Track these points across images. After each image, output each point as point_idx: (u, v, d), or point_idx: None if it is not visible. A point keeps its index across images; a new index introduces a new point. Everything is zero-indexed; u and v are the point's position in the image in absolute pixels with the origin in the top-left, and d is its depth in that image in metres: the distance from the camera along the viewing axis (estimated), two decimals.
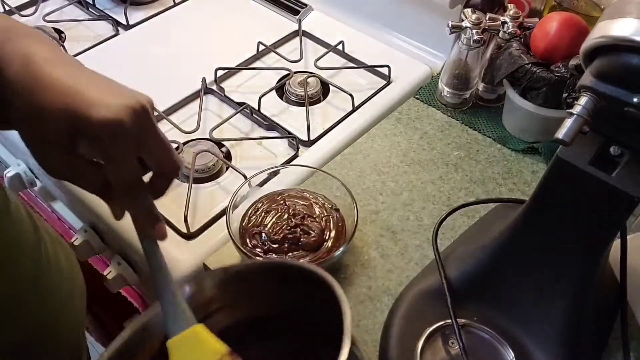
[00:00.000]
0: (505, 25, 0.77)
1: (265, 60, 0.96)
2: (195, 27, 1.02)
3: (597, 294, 0.57)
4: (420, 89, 0.89)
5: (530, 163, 0.78)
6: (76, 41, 0.99)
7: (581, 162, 0.47)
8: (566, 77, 0.70)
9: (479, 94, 0.87)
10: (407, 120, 0.84)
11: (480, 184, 0.75)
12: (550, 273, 0.54)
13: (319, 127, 0.83)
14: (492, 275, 0.58)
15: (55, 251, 0.57)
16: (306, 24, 1.01)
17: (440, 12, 0.86)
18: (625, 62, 0.40)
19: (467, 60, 0.80)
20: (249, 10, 1.06)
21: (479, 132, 0.82)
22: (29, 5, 1.05)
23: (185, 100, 0.88)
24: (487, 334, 0.58)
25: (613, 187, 0.46)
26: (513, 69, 0.73)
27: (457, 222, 0.71)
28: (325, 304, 0.38)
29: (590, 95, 0.42)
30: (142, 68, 0.93)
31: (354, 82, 0.91)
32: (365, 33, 0.99)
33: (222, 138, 0.81)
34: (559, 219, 0.51)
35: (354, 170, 0.77)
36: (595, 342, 0.59)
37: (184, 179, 0.77)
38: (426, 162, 0.78)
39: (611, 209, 0.48)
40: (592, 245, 0.51)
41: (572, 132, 0.41)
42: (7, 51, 0.37)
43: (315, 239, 0.63)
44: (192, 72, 0.91)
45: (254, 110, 0.85)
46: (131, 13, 1.03)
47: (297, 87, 0.88)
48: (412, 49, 0.96)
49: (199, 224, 0.71)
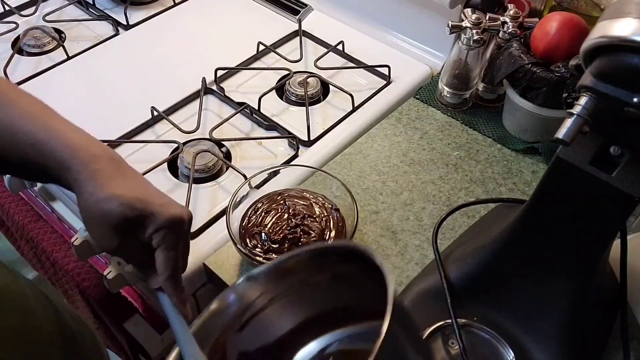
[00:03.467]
0: (505, 25, 0.77)
1: (265, 60, 0.96)
2: (195, 27, 1.02)
3: (597, 294, 0.57)
4: (420, 89, 0.89)
5: (530, 163, 0.78)
6: (76, 41, 0.99)
7: (581, 162, 0.47)
8: (566, 77, 0.70)
9: (479, 94, 0.87)
10: (407, 120, 0.84)
11: (480, 184, 0.75)
12: (550, 273, 0.54)
13: (319, 127, 0.83)
14: (492, 275, 0.58)
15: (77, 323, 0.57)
16: (306, 24, 1.01)
17: (440, 12, 0.86)
18: (625, 62, 0.40)
19: (467, 60, 0.80)
20: (249, 10, 1.06)
21: (479, 132, 0.82)
22: (29, 5, 1.05)
23: (185, 100, 0.87)
24: (487, 334, 0.58)
25: (613, 187, 0.46)
26: (513, 69, 0.73)
27: (457, 222, 0.71)
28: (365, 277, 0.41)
29: (590, 95, 0.42)
30: (142, 68, 0.93)
31: (354, 82, 0.91)
32: (365, 33, 0.99)
33: (222, 138, 0.81)
34: (559, 219, 0.51)
35: (354, 170, 0.77)
36: (595, 341, 0.59)
37: (184, 179, 0.77)
38: (426, 162, 0.78)
39: (611, 209, 0.48)
40: (592, 245, 0.51)
41: (572, 132, 0.41)
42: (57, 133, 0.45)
43: (315, 239, 0.63)
44: (192, 72, 0.91)
45: (254, 110, 0.85)
46: (131, 13, 1.03)
47: (297, 87, 0.88)
48: (412, 49, 0.96)
49: (199, 224, 0.71)
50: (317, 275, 0.47)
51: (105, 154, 0.46)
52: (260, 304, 0.49)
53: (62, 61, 0.94)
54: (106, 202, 0.44)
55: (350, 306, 0.48)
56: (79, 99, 0.87)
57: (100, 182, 0.44)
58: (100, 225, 0.44)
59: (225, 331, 0.48)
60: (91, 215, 0.45)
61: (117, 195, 0.44)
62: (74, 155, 0.44)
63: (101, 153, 0.46)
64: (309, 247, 0.47)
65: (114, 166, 0.46)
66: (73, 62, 0.94)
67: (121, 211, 0.44)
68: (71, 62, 0.94)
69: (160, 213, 0.45)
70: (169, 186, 0.76)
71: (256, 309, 0.49)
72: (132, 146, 0.80)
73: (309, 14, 1.04)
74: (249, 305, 0.49)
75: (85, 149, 0.45)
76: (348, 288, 0.47)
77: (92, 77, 0.92)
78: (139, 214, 0.44)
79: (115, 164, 0.46)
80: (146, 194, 0.46)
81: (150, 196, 0.46)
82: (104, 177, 0.44)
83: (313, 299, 0.49)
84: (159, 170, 0.70)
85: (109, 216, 0.44)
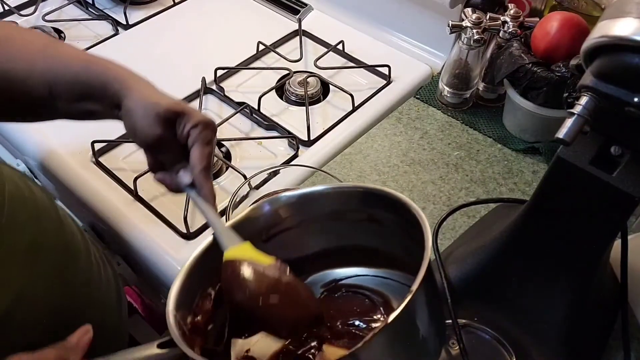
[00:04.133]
0: (506, 24, 0.77)
1: (265, 59, 0.96)
2: (194, 27, 1.02)
3: (598, 294, 0.57)
4: (421, 88, 0.89)
5: (530, 163, 0.78)
6: (75, 41, 0.99)
7: (582, 162, 0.47)
8: (567, 77, 0.69)
9: (480, 93, 0.87)
10: (408, 120, 0.84)
11: (481, 184, 0.75)
12: (551, 273, 0.54)
13: (319, 127, 0.83)
14: (493, 275, 0.58)
15: (103, 264, 0.61)
16: (306, 24, 1.01)
17: (441, 11, 0.86)
18: (625, 62, 0.40)
19: (467, 60, 0.80)
20: (249, 10, 1.06)
21: (479, 132, 0.82)
22: (29, 5, 1.05)
23: (184, 99, 0.87)
24: (487, 334, 0.58)
25: (614, 187, 0.46)
26: (513, 68, 0.73)
27: (457, 222, 0.71)
28: (401, 231, 0.45)
29: (590, 95, 0.42)
30: (142, 68, 0.92)
31: (354, 82, 0.91)
32: (365, 33, 0.99)
33: (221, 138, 0.81)
34: (559, 219, 0.51)
35: (354, 170, 0.77)
36: (596, 342, 0.59)
37: None
38: (426, 162, 0.78)
39: (612, 209, 0.48)
40: (593, 245, 0.51)
41: (573, 132, 0.41)
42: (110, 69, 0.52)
43: None
44: (192, 72, 0.90)
45: (254, 110, 0.85)
46: (131, 13, 1.03)
47: (297, 87, 0.88)
48: (412, 48, 0.96)
49: (198, 224, 0.71)
50: (354, 212, 0.49)
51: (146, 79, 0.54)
52: (290, 222, 0.51)
53: None
54: (154, 101, 0.50)
55: (376, 250, 0.50)
56: None
57: (148, 92, 0.51)
58: (147, 116, 0.49)
59: (252, 238, 0.48)
60: (140, 109, 0.50)
61: (163, 99, 0.51)
62: (121, 72, 0.52)
63: (143, 77, 0.54)
64: (356, 184, 0.48)
65: (153, 87, 0.53)
66: None
67: (167, 104, 0.50)
68: None
69: (197, 113, 0.51)
70: None
71: (285, 226, 0.51)
72: (132, 146, 0.80)
73: (309, 13, 1.03)
74: (279, 220, 0.51)
75: (130, 71, 0.53)
76: (380, 233, 0.49)
77: None
78: (181, 110, 0.50)
79: (153, 86, 0.54)
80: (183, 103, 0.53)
81: (186, 105, 0.52)
82: (151, 89, 0.52)
83: (341, 232, 0.51)
84: None
85: (157, 106, 0.49)
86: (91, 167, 0.78)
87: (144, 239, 0.71)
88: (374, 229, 0.49)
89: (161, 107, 0.49)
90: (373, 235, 0.50)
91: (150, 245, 0.70)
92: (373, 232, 0.49)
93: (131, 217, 0.72)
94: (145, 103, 0.50)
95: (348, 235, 0.51)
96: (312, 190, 0.50)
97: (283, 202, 0.51)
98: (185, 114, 0.50)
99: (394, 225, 0.47)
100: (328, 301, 0.51)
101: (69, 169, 0.78)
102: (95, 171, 0.77)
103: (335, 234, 0.51)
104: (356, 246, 0.51)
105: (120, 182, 0.76)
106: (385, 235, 0.49)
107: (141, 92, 0.51)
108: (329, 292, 0.52)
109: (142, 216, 0.72)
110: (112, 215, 0.73)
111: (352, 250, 0.52)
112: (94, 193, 0.75)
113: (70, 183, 0.77)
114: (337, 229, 0.51)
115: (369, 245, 0.51)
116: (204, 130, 0.50)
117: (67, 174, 0.78)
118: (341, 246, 0.52)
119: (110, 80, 0.51)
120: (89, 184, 0.76)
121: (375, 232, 0.49)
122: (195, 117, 0.50)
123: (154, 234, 0.71)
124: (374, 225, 0.49)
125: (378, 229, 0.49)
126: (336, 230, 0.51)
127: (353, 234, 0.51)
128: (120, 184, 0.76)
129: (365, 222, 0.49)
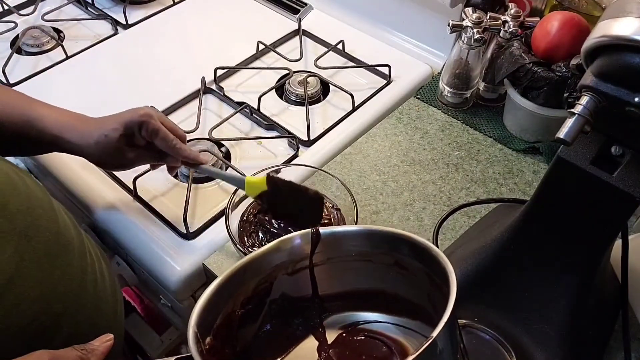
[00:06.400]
0: (506, 24, 0.77)
1: (265, 59, 0.96)
2: (194, 27, 1.02)
3: (598, 294, 0.57)
4: (421, 88, 0.89)
5: (531, 163, 0.78)
6: (75, 40, 0.99)
7: (582, 162, 0.47)
8: (567, 77, 0.69)
9: (480, 93, 0.87)
10: (408, 120, 0.84)
11: (481, 184, 0.75)
12: (551, 273, 0.54)
13: (319, 127, 0.83)
14: (493, 275, 0.58)
15: (98, 259, 0.61)
16: (306, 23, 1.01)
17: (441, 11, 0.86)
18: (626, 62, 0.40)
19: (467, 60, 0.80)
20: (249, 10, 1.05)
21: (479, 131, 0.82)
22: (28, 5, 1.05)
23: (184, 99, 0.87)
24: (487, 335, 0.57)
25: (614, 187, 0.45)
26: (514, 68, 0.73)
27: (457, 222, 0.70)
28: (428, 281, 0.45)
29: (591, 95, 0.42)
30: (141, 67, 0.93)
31: (354, 82, 0.91)
32: (365, 32, 0.99)
33: (221, 138, 0.80)
34: (560, 219, 0.51)
35: (354, 170, 0.77)
36: (596, 342, 0.59)
37: (184, 179, 0.77)
38: (427, 162, 0.78)
39: (612, 209, 0.48)
40: (594, 246, 0.51)
41: (574, 132, 0.41)
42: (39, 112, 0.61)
43: None
44: (192, 72, 0.90)
45: (254, 110, 0.85)
46: (130, 12, 1.03)
47: (297, 87, 0.88)
48: (412, 48, 0.96)
49: (198, 224, 0.71)
50: (382, 255, 0.49)
51: (77, 117, 0.62)
52: (317, 258, 0.51)
53: (61, 60, 0.94)
54: (100, 138, 0.59)
55: (400, 297, 0.50)
56: (78, 99, 0.86)
57: (88, 130, 0.60)
58: (113, 154, 0.60)
59: (279, 269, 0.50)
60: (102, 152, 0.60)
61: (102, 131, 0.60)
62: (62, 127, 0.60)
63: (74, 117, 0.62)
64: (388, 229, 0.48)
65: (83, 119, 0.62)
66: (72, 62, 0.94)
67: (112, 136, 0.59)
68: (70, 62, 0.94)
69: (131, 118, 0.60)
70: (169, 186, 0.76)
71: (312, 262, 0.51)
72: None
73: (308, 13, 1.03)
74: (307, 256, 0.50)
75: (67, 121, 0.61)
76: (405, 280, 0.48)
77: (91, 77, 0.91)
78: (122, 129, 0.59)
79: (82, 118, 0.62)
80: (114, 117, 0.61)
81: (117, 117, 0.61)
82: (88, 128, 0.61)
83: (367, 275, 0.51)
84: (158, 170, 0.70)
85: (111, 141, 0.59)
86: (91, 167, 0.77)
87: (143, 239, 0.70)
88: (401, 275, 0.48)
89: (116, 139, 0.59)
90: (399, 281, 0.49)
91: (149, 246, 0.70)
92: (399, 278, 0.49)
93: (131, 217, 0.72)
94: (102, 145, 0.60)
95: (373, 279, 0.50)
96: (342, 230, 0.50)
97: (314, 238, 0.51)
98: (128, 126, 0.60)
99: (421, 273, 0.46)
100: (345, 342, 0.51)
101: (69, 169, 0.78)
102: (95, 171, 0.77)
103: (360, 276, 0.51)
104: (380, 291, 0.51)
105: (120, 182, 0.76)
106: (411, 283, 0.48)
107: (87, 138, 0.60)
108: (347, 334, 0.52)
109: (142, 216, 0.72)
110: (112, 215, 0.73)
111: (376, 294, 0.51)
112: (93, 193, 0.75)
113: (70, 183, 0.77)
114: (363, 271, 0.50)
115: (393, 291, 0.50)
116: (148, 124, 0.59)
117: (67, 174, 0.77)
118: (365, 289, 0.51)
119: (57, 137, 0.61)
120: (88, 184, 0.76)
121: (401, 278, 0.48)
122: (135, 121, 0.59)
123: (154, 234, 0.71)
124: (401, 271, 0.48)
125: (404, 275, 0.48)
126: (362, 272, 0.51)
127: (378, 278, 0.50)
128: (120, 184, 0.76)
129: (392, 266, 0.48)
